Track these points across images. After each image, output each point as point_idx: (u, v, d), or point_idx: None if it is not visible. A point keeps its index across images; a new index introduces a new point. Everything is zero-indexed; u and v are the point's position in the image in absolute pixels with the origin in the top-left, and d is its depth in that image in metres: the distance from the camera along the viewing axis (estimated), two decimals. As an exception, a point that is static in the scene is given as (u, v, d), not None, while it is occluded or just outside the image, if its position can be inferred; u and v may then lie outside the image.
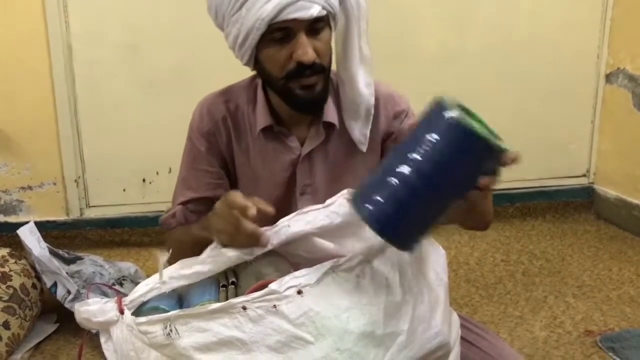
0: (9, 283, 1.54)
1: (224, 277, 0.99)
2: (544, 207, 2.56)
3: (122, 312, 0.91)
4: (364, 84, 1.18)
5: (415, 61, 2.32)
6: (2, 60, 2.13)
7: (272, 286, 0.81)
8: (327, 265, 0.85)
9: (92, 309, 0.93)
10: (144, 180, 2.29)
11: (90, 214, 2.30)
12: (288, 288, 0.81)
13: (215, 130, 1.23)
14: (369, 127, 1.21)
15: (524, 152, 2.34)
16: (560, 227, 2.45)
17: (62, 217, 2.28)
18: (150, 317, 0.86)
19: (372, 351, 0.82)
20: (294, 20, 1.05)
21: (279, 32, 1.07)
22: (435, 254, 1.02)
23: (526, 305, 1.78)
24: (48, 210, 2.28)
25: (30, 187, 2.25)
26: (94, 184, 2.29)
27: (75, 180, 2.26)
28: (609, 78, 2.48)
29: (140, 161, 2.28)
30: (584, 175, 2.61)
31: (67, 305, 1.56)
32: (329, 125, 1.21)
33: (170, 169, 2.28)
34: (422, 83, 2.31)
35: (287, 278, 0.82)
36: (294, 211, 1.09)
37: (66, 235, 2.27)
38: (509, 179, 2.75)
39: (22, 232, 1.62)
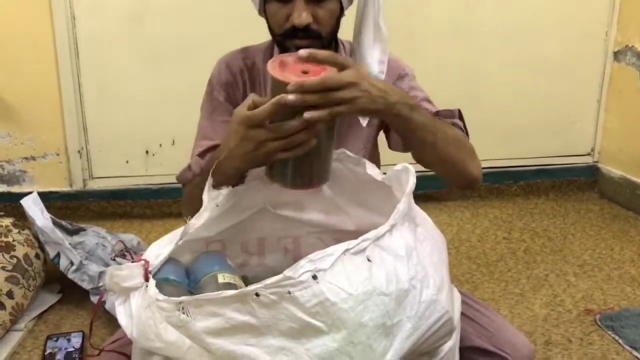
0: (12, 253, 1.55)
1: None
2: (547, 186, 2.55)
3: (147, 279, 0.90)
4: (376, 60, 1.19)
5: (424, 36, 2.29)
6: (5, 31, 2.11)
7: (287, 272, 0.80)
8: (339, 249, 0.83)
9: (123, 274, 0.91)
10: (147, 152, 2.29)
11: (93, 185, 2.31)
12: (303, 273, 0.80)
13: (233, 82, 1.28)
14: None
15: (529, 130, 2.35)
16: (563, 205, 2.45)
17: (65, 188, 2.29)
18: (166, 297, 0.85)
19: (383, 341, 0.82)
20: None
21: None
22: (439, 236, 1.02)
23: (527, 283, 1.78)
24: (51, 181, 2.28)
25: (33, 158, 2.25)
26: (97, 155, 2.29)
27: (79, 152, 2.26)
28: (617, 56, 2.46)
29: (144, 133, 2.27)
30: (589, 154, 2.60)
31: (70, 275, 1.57)
32: None
33: (173, 141, 2.28)
34: (430, 58, 2.29)
35: (302, 262, 0.80)
36: None
37: (69, 207, 2.28)
38: (513, 156, 2.74)
39: (25, 202, 1.62)
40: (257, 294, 0.80)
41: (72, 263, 1.57)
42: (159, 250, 1.00)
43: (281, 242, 1.18)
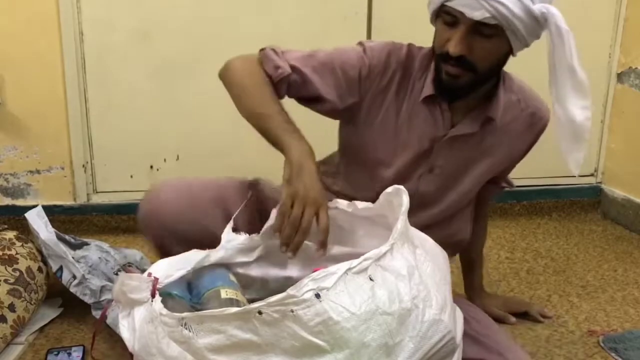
0: (15, 266, 1.55)
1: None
2: (550, 206, 2.55)
3: (153, 295, 0.91)
4: (578, 107, 1.20)
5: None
6: (13, 45, 2.13)
7: (290, 291, 0.81)
8: (342, 268, 0.84)
9: (133, 284, 0.91)
10: (151, 167, 2.30)
11: (97, 199, 2.31)
12: (306, 292, 0.80)
13: (382, 70, 1.28)
14: (583, 152, 1.27)
15: (533, 150, 2.36)
16: (567, 226, 2.44)
17: (69, 202, 2.29)
18: (169, 312, 0.86)
19: None
20: (462, 13, 1.13)
21: (449, 16, 1.16)
22: (440, 255, 1.04)
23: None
24: (55, 195, 2.28)
25: (38, 171, 2.26)
26: (101, 170, 2.30)
27: (83, 166, 2.26)
28: (620, 77, 2.47)
29: (148, 148, 2.28)
30: (592, 175, 2.60)
31: (72, 289, 1.57)
32: (488, 120, 1.30)
33: (177, 156, 2.29)
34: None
35: (305, 280, 0.81)
36: (412, 184, 1.29)
37: (73, 220, 2.28)
38: (516, 176, 2.75)
39: (29, 215, 1.63)
40: (259, 312, 0.81)
41: (74, 277, 1.57)
42: (169, 270, 1.00)
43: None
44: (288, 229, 1.03)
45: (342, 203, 1.16)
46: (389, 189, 1.08)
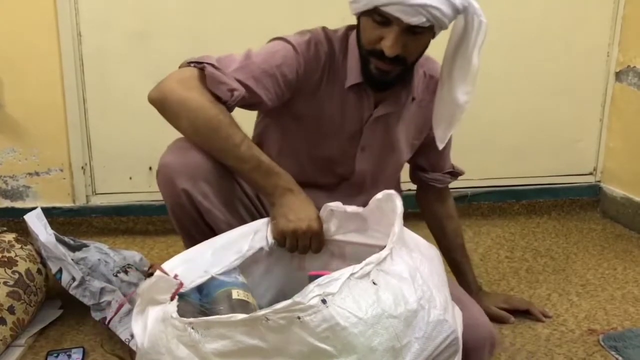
0: (14, 268, 1.55)
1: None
2: (549, 205, 2.55)
3: (172, 298, 0.91)
4: (463, 91, 1.28)
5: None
6: (11, 46, 2.13)
7: (297, 297, 0.80)
8: (345, 273, 0.84)
9: (159, 285, 0.92)
10: (150, 168, 2.30)
11: (96, 201, 2.31)
12: (313, 297, 0.80)
13: (315, 66, 1.31)
14: (453, 130, 1.34)
15: (532, 149, 2.36)
16: (566, 225, 2.44)
17: (68, 204, 2.29)
18: (178, 316, 0.87)
19: None
20: (398, 18, 1.15)
21: (380, 17, 1.17)
22: (434, 255, 1.06)
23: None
24: (54, 197, 2.28)
25: (37, 173, 2.26)
26: (100, 172, 2.30)
27: (82, 167, 2.26)
28: (618, 76, 2.47)
29: (147, 150, 2.27)
30: (591, 174, 2.60)
31: (71, 291, 1.57)
32: (408, 98, 1.37)
33: (176, 158, 2.29)
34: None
35: (311, 286, 0.81)
36: (352, 164, 1.38)
37: (72, 222, 2.28)
38: (515, 175, 2.74)
39: (29, 217, 1.62)
40: (266, 319, 0.81)
41: (74, 279, 1.56)
42: (192, 276, 1.01)
43: None
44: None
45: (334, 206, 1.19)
46: (379, 195, 1.09)
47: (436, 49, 1.35)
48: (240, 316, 0.82)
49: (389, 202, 1.06)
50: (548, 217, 2.53)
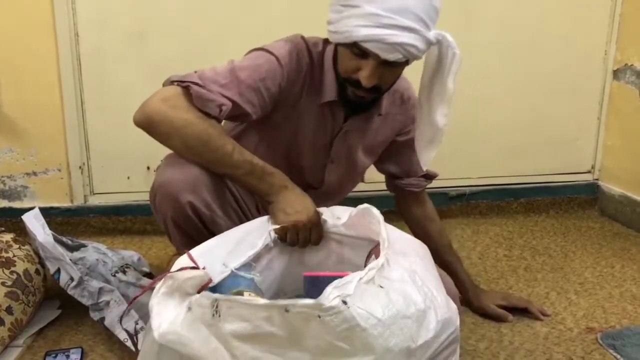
0: (12, 268, 1.54)
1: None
2: (547, 203, 2.55)
3: (199, 292, 0.92)
4: (441, 114, 1.33)
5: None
6: (9, 46, 2.13)
7: (319, 300, 0.82)
8: (355, 277, 0.86)
9: (192, 276, 0.94)
10: (148, 168, 2.30)
11: (94, 201, 2.31)
12: (334, 299, 0.82)
13: (296, 77, 1.36)
14: (434, 152, 1.39)
15: (530, 148, 2.37)
16: (564, 223, 2.45)
17: (66, 204, 2.29)
18: (206, 293, 0.89)
19: None
20: (376, 54, 1.21)
21: (359, 50, 1.22)
22: (423, 252, 1.09)
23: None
24: (52, 197, 2.28)
25: (35, 173, 2.26)
26: (98, 171, 2.30)
27: (80, 167, 2.26)
28: (616, 74, 2.47)
29: (145, 149, 2.26)
30: (589, 172, 2.61)
31: (70, 291, 1.56)
32: (375, 114, 1.45)
33: (174, 157, 2.28)
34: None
35: (328, 289, 0.83)
36: (322, 175, 1.48)
37: (70, 222, 2.28)
38: (513, 173, 2.75)
39: (27, 217, 1.62)
40: (286, 310, 0.83)
41: (72, 279, 1.56)
42: (213, 268, 1.04)
43: None
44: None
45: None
46: (355, 211, 1.16)
47: (410, 73, 1.41)
48: (263, 301, 0.84)
49: (367, 216, 1.13)
50: (546, 215, 2.53)
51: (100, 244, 1.80)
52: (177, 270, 0.96)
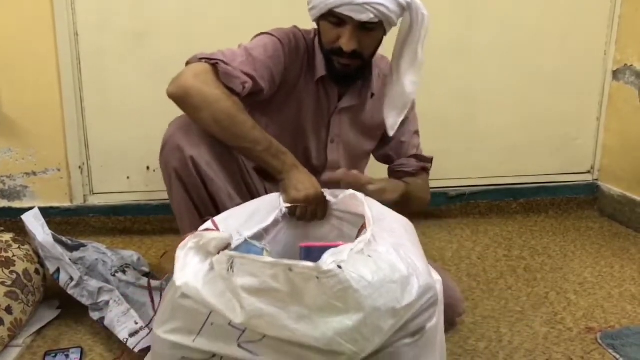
0: (12, 268, 1.55)
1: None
2: (547, 203, 2.56)
3: (218, 253, 1.04)
4: (410, 81, 1.43)
5: (425, 53, 2.29)
6: (8, 46, 2.13)
7: (318, 264, 0.95)
8: (347, 248, 0.99)
9: (215, 237, 1.06)
10: (147, 168, 2.30)
11: (94, 200, 2.31)
12: (331, 263, 0.95)
13: (296, 55, 1.48)
14: (402, 117, 1.50)
15: (529, 148, 2.37)
16: (563, 223, 2.45)
17: (65, 204, 2.29)
18: (224, 251, 1.03)
19: (390, 321, 0.96)
20: (350, 17, 1.33)
21: (335, 18, 1.35)
22: (407, 225, 1.22)
23: (527, 300, 1.78)
24: (52, 197, 2.28)
25: (34, 173, 2.26)
26: (98, 171, 2.29)
27: (80, 167, 2.26)
28: (615, 75, 2.47)
29: (145, 149, 2.28)
30: (589, 172, 2.61)
31: (69, 291, 1.57)
32: (368, 94, 1.55)
33: (174, 157, 2.28)
34: (430, 75, 2.30)
35: (325, 256, 0.96)
36: (321, 155, 1.57)
37: (69, 222, 2.28)
38: (512, 173, 2.76)
39: (26, 217, 1.62)
40: (290, 269, 0.96)
41: (71, 278, 1.56)
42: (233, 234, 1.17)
43: None
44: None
45: None
46: (344, 195, 1.31)
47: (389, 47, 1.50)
48: (270, 260, 0.98)
49: (353, 200, 1.27)
50: (545, 215, 2.53)
51: (99, 244, 1.80)
52: (205, 230, 1.10)
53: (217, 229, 1.14)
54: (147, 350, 1.39)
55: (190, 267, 1.04)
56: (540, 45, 2.42)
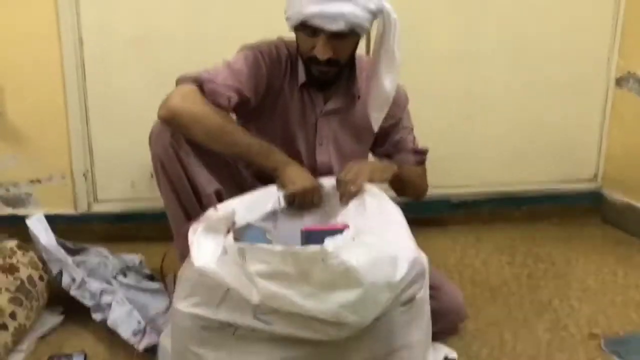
0: (16, 274, 1.55)
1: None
2: (550, 211, 2.55)
3: (227, 232, 1.21)
4: (389, 81, 1.48)
5: (426, 61, 2.30)
6: (13, 53, 2.14)
7: (322, 246, 1.08)
8: (345, 235, 1.13)
9: (221, 216, 1.24)
10: (152, 175, 2.29)
11: (98, 208, 2.31)
12: (333, 246, 1.08)
13: (278, 65, 1.54)
14: (384, 115, 1.56)
15: (532, 155, 2.38)
16: (567, 230, 2.44)
17: (70, 211, 2.29)
18: (234, 243, 1.15)
19: (386, 295, 1.13)
20: (321, 27, 1.38)
21: (309, 29, 1.41)
22: (394, 208, 1.35)
23: (530, 307, 1.78)
24: (56, 204, 2.28)
25: (39, 180, 2.26)
26: (102, 178, 2.30)
27: (84, 174, 2.27)
28: (619, 82, 2.47)
29: (149, 156, 2.26)
30: (592, 180, 2.60)
31: (72, 292, 1.57)
32: (352, 96, 1.59)
33: (178, 164, 2.29)
34: (432, 82, 2.31)
35: (327, 241, 1.09)
36: (311, 158, 1.61)
37: (73, 229, 2.27)
38: (516, 181, 2.75)
39: (30, 221, 1.63)
40: (297, 254, 1.10)
41: (74, 280, 1.57)
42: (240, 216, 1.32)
43: None
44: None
45: None
46: (333, 180, 1.47)
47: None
48: (279, 248, 1.12)
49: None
50: (549, 222, 2.52)
51: (102, 248, 1.81)
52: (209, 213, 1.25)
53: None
54: (151, 349, 1.40)
55: (205, 248, 1.17)
56: (543, 52, 2.42)
